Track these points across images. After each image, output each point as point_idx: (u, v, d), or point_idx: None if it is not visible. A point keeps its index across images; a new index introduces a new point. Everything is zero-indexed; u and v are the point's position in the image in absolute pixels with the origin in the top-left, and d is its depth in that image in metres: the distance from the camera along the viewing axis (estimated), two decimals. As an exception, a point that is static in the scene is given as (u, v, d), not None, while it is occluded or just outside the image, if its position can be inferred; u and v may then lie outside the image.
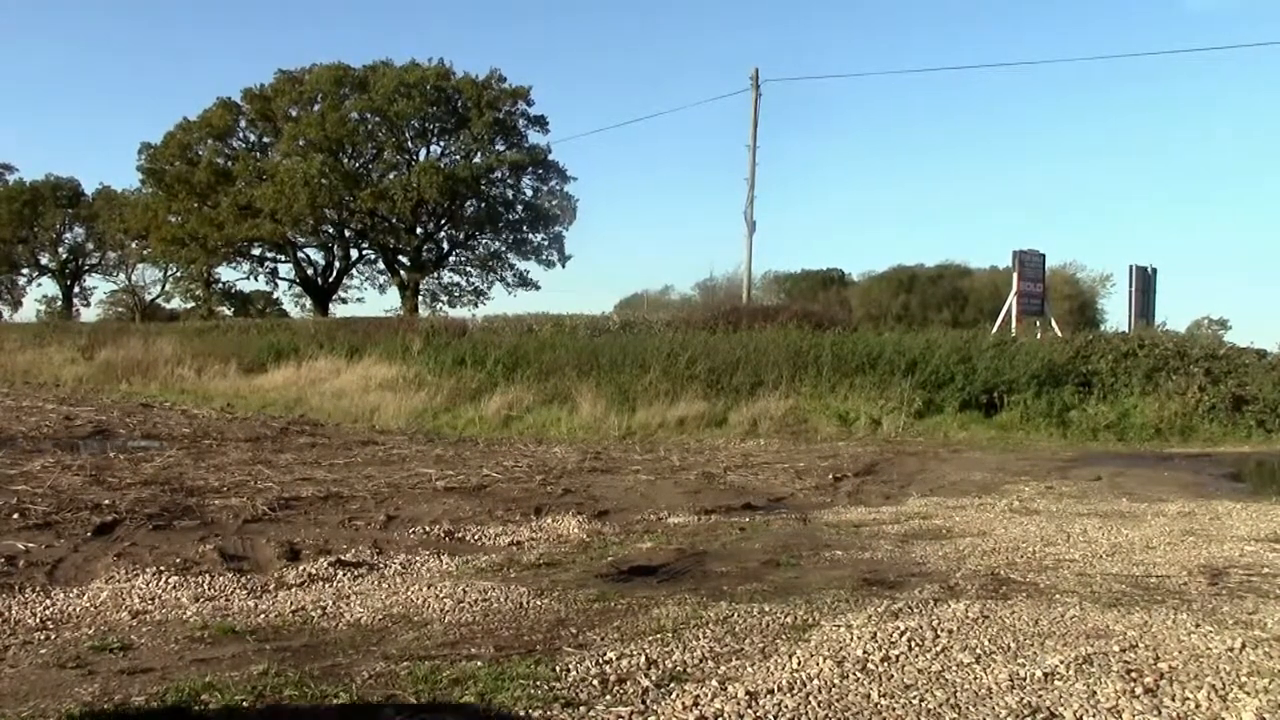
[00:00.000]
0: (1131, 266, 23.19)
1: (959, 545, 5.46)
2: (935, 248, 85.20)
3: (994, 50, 73.04)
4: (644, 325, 21.71)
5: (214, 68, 72.18)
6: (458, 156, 39.01)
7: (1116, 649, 3.31)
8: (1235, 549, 5.46)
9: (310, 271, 42.58)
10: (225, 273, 45.83)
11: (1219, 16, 59.11)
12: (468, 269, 41.66)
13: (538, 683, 2.90)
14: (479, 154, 38.73)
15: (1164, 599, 4.13)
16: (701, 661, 3.08)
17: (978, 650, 3.27)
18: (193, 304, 48.41)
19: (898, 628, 3.54)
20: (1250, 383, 15.88)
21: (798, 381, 15.41)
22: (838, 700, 2.75)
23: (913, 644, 3.33)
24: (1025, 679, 2.97)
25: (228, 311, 46.11)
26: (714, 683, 2.86)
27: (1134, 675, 3.02)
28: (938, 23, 66.65)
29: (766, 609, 3.84)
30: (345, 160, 37.71)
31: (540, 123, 39.92)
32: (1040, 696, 2.81)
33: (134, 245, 47.10)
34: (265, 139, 40.44)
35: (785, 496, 7.72)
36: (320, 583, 4.50)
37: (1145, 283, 23.26)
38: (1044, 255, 22.94)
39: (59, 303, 55.46)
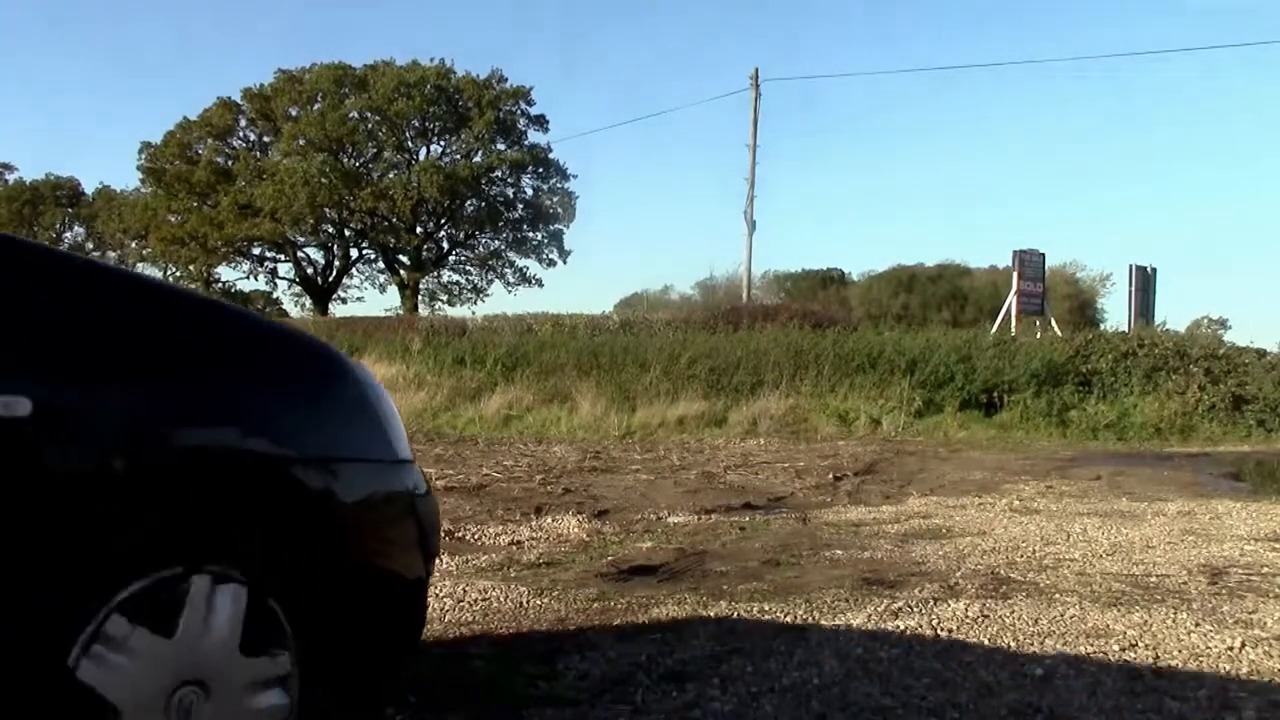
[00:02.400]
0: (1131, 266, 23.22)
1: (959, 545, 5.46)
2: (935, 247, 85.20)
3: (994, 50, 72.99)
4: (644, 325, 21.71)
5: (214, 68, 72.12)
6: (458, 156, 39.01)
7: (1116, 648, 3.31)
8: (1235, 548, 5.46)
9: (310, 271, 42.57)
10: (225, 272, 45.77)
11: (1220, 15, 59.00)
12: (468, 268, 41.68)
13: (538, 682, 2.90)
14: (479, 153, 38.74)
15: (1164, 598, 4.13)
16: (701, 661, 3.08)
17: (978, 649, 3.27)
18: (193, 303, 48.29)
19: (898, 626, 3.54)
20: (1250, 382, 15.90)
21: (798, 381, 15.42)
22: (838, 699, 2.75)
23: (913, 643, 3.33)
24: (1025, 678, 2.97)
25: (228, 311, 46.00)
26: (715, 681, 2.86)
27: (1134, 674, 3.02)
28: (938, 22, 66.59)
29: (766, 608, 3.84)
30: (345, 160, 37.71)
31: (540, 122, 39.94)
32: (1040, 695, 2.81)
33: (134, 245, 47.09)
34: (265, 138, 40.45)
35: (785, 496, 7.72)
36: (320, 582, 4.49)
37: (1145, 282, 23.29)
38: (1044, 255, 22.97)
39: (59, 302, 55.40)
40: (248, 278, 43.87)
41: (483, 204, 39.30)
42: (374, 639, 2.16)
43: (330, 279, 42.59)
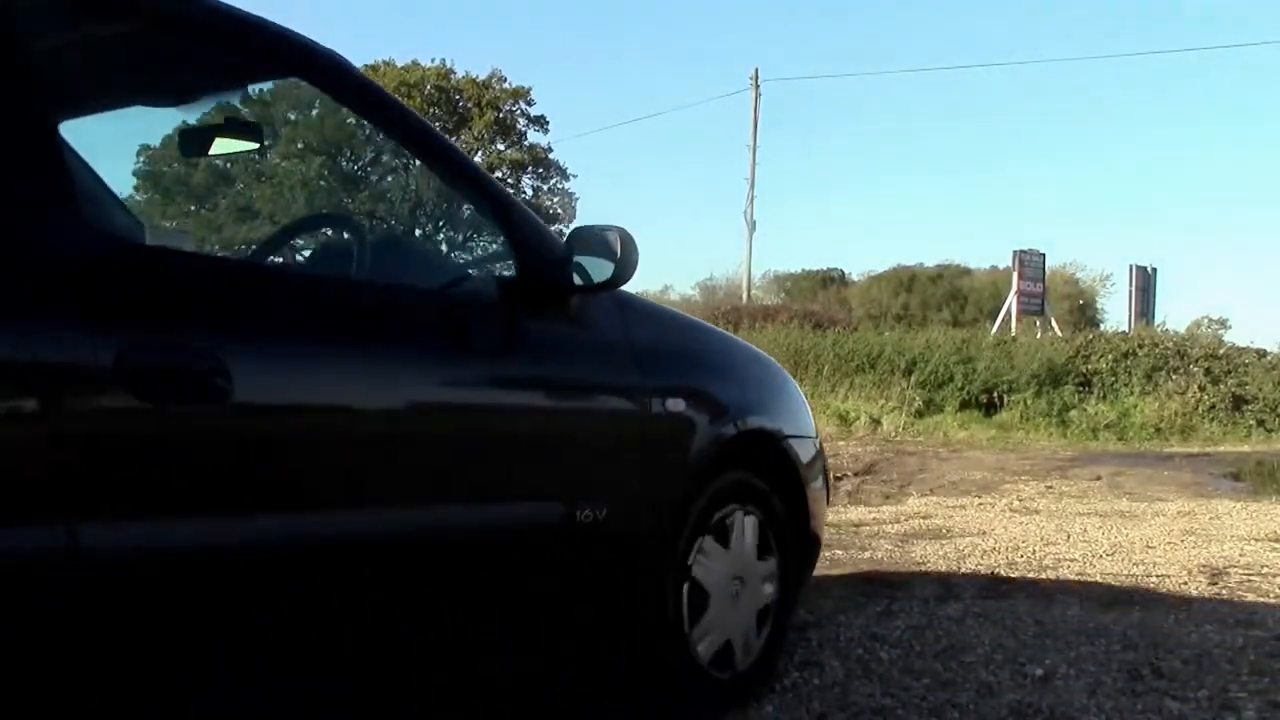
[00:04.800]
0: (1131, 266, 23.25)
1: (959, 545, 5.47)
2: (935, 248, 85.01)
3: (994, 50, 72.97)
4: (644, 325, 21.69)
5: (213, 69, 71.96)
6: (457, 157, 39.04)
7: (1116, 648, 3.31)
8: (1235, 548, 5.46)
9: (310, 272, 42.58)
10: (225, 274, 45.79)
11: (1220, 14, 58.98)
12: (467, 270, 41.72)
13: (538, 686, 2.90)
14: (479, 153, 38.76)
15: (1164, 598, 4.14)
16: (702, 661, 3.08)
17: (978, 649, 3.27)
18: (192, 305, 48.25)
19: (898, 626, 3.54)
20: (1250, 382, 15.92)
21: (798, 381, 15.43)
22: (839, 699, 2.75)
23: (913, 643, 3.33)
24: (1025, 678, 2.97)
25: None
26: (714, 682, 2.86)
27: (1134, 674, 3.02)
28: (938, 21, 66.61)
29: (767, 609, 3.84)
30: (344, 162, 37.72)
31: (540, 122, 39.94)
32: (1040, 695, 2.81)
33: (134, 246, 47.07)
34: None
35: (785, 496, 7.71)
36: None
37: (1145, 282, 23.30)
38: (1044, 255, 22.98)
39: (59, 304, 55.36)
40: (248, 279, 43.84)
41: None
42: (802, 569, 3.05)
43: (330, 280, 42.58)
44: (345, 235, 2.88)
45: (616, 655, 2.49)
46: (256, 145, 2.84)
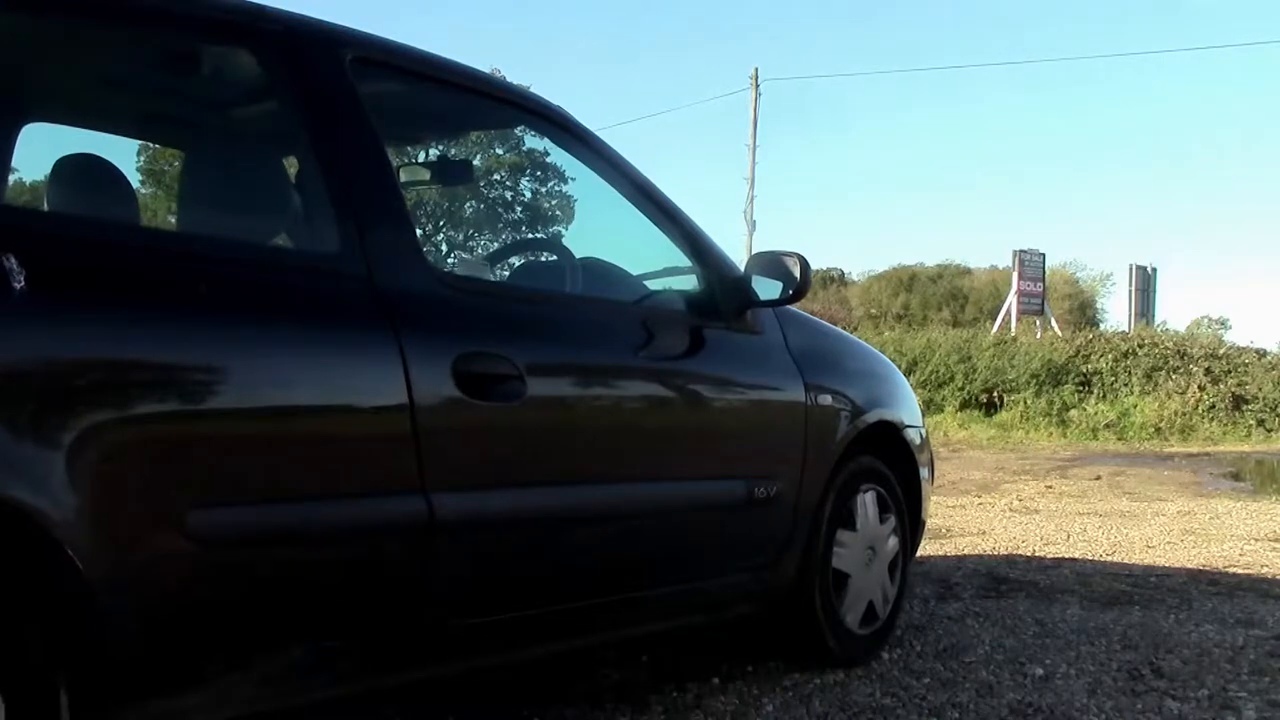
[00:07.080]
0: (1131, 266, 23.27)
1: (958, 544, 5.47)
2: (935, 247, 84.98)
3: (994, 50, 72.98)
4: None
5: (213, 70, 71.88)
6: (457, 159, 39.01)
7: (1116, 648, 3.32)
8: (1235, 548, 5.47)
9: (310, 273, 42.51)
10: (225, 274, 45.70)
11: (1220, 13, 59.03)
12: (467, 271, 41.66)
13: (541, 687, 2.91)
14: (478, 156, 38.74)
15: (1164, 598, 4.14)
16: (705, 662, 3.09)
17: (978, 649, 3.28)
18: (192, 306, 48.24)
19: (898, 626, 3.54)
20: (1250, 382, 15.94)
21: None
22: (839, 699, 2.75)
23: (913, 643, 3.34)
24: (1025, 678, 2.98)
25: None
26: (715, 681, 2.87)
27: (1134, 674, 3.03)
28: (938, 21, 66.62)
29: (767, 609, 3.84)
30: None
31: (540, 123, 39.91)
32: (1040, 695, 2.81)
33: (134, 247, 47.02)
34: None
35: (785, 497, 7.72)
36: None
37: (1145, 282, 23.33)
38: (1044, 255, 22.98)
39: (59, 305, 55.32)
40: (248, 280, 43.69)
41: (481, 207, 39.30)
42: (913, 546, 3.46)
43: (330, 281, 42.43)
44: (556, 256, 3.52)
45: (782, 604, 2.91)
46: (468, 179, 3.58)
